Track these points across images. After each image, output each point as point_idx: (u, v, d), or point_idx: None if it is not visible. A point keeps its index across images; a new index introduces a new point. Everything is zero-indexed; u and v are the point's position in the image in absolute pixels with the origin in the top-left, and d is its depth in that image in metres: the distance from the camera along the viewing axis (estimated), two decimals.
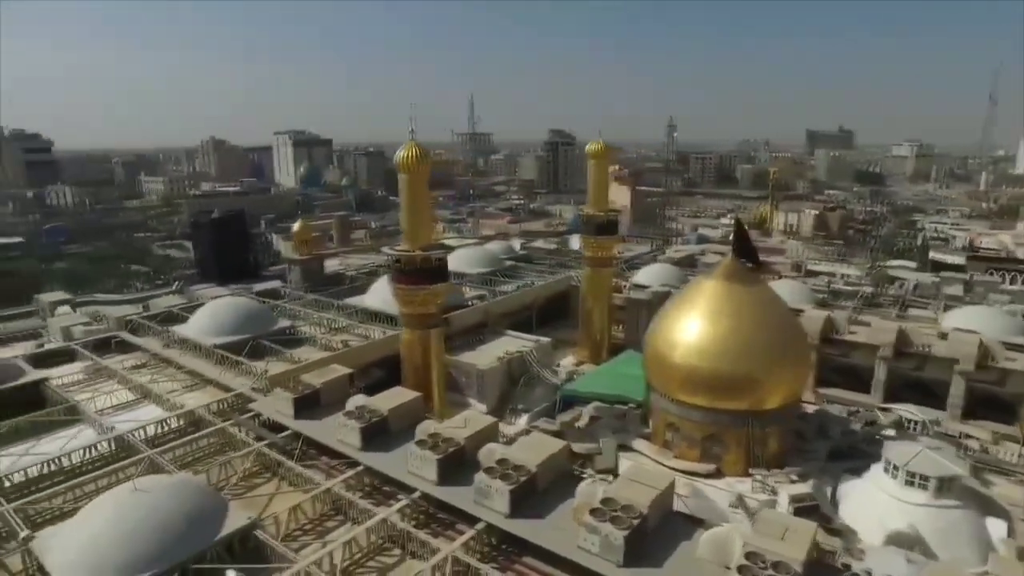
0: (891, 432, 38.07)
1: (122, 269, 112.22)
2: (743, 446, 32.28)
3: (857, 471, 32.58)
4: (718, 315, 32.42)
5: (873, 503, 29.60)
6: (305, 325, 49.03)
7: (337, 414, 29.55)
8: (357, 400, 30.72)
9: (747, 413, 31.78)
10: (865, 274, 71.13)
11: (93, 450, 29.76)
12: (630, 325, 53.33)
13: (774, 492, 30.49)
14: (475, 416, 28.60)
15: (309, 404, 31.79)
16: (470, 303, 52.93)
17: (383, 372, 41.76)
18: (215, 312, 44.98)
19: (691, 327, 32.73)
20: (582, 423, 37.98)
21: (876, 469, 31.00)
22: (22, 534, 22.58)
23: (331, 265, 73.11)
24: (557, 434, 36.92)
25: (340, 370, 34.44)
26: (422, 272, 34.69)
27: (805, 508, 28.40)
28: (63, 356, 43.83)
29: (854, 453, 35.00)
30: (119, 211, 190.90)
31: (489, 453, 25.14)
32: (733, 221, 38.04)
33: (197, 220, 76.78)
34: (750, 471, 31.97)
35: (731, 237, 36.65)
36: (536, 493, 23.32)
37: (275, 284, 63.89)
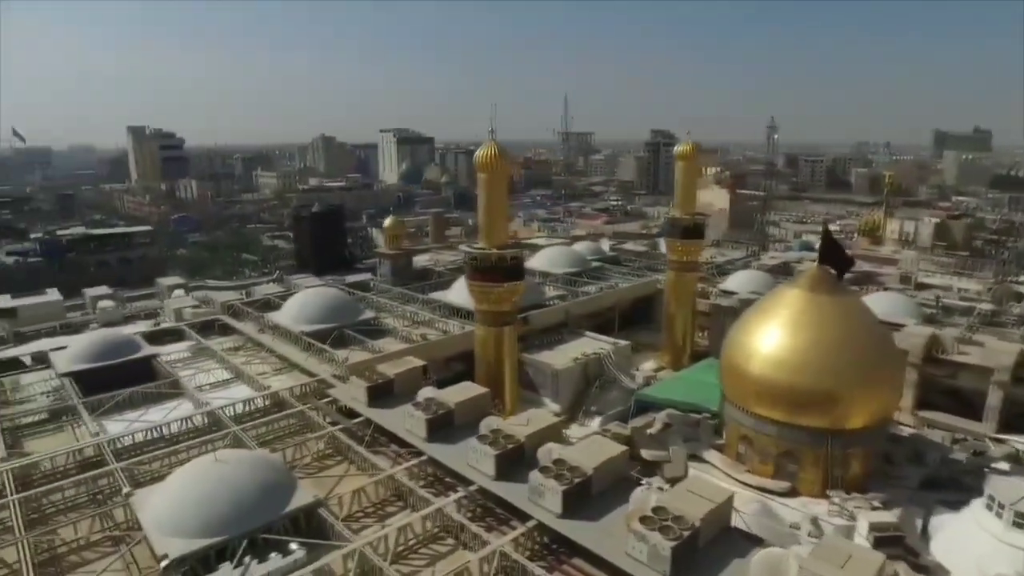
0: (1003, 465, 34.76)
1: (234, 257, 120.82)
2: (821, 466, 30.53)
3: (954, 505, 30.02)
4: (799, 326, 30.82)
5: (972, 542, 27.19)
6: (389, 317, 50.87)
7: (407, 404, 30.57)
8: (426, 392, 31.65)
9: (827, 431, 30.01)
10: (987, 289, 64.98)
11: (189, 422, 32.37)
12: (714, 332, 51.54)
13: (852, 518, 28.65)
14: (539, 415, 28.70)
15: (382, 393, 33.09)
16: (551, 302, 53.02)
17: (463, 366, 42.67)
18: (305, 301, 47.58)
19: (769, 337, 31.31)
20: (654, 429, 37.20)
21: (977, 505, 28.44)
22: (125, 490, 25.16)
23: (422, 260, 75.20)
24: (628, 439, 36.53)
25: (414, 362, 35.59)
26: (497, 270, 35.17)
27: (887, 539, 26.49)
28: (174, 335, 47.88)
29: (953, 484, 32.24)
30: (236, 204, 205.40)
31: (547, 452, 25.21)
32: (823, 228, 36.04)
33: (297, 213, 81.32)
34: (828, 493, 30.19)
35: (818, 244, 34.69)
36: (590, 496, 23.16)
37: (367, 276, 66.56)
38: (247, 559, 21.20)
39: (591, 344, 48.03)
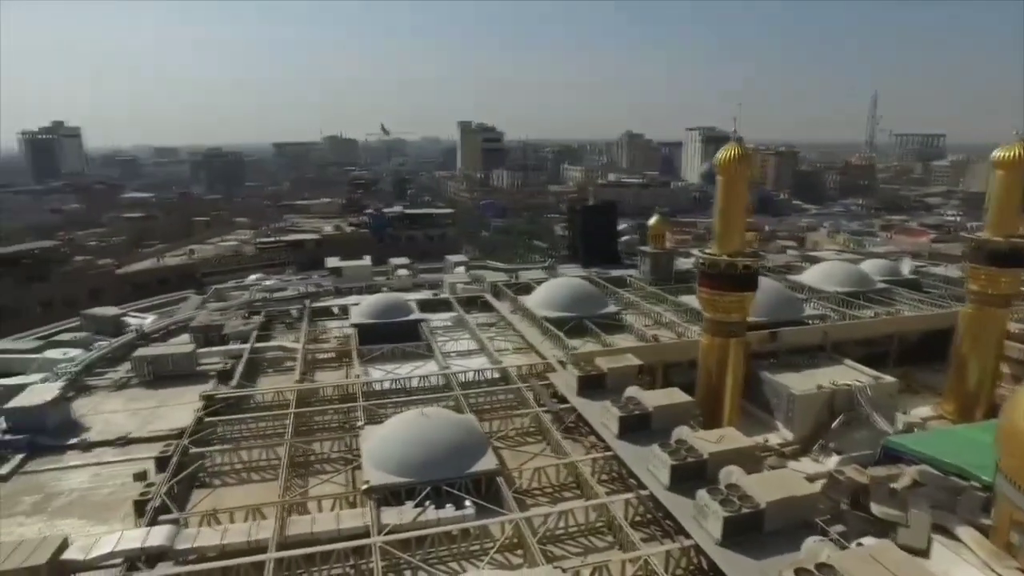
0: None
1: (525, 243, 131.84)
2: None
3: None
4: None
5: None
6: (633, 314, 51.23)
7: (608, 399, 31.05)
8: (631, 391, 31.66)
9: None
10: None
11: (427, 380, 37.31)
12: None
13: None
14: (733, 435, 26.78)
15: (593, 385, 33.98)
16: (809, 321, 47.90)
17: None
18: (552, 288, 50.56)
19: None
20: (899, 484, 31.54)
21: None
22: (360, 424, 30.57)
23: (689, 263, 73.30)
24: (863, 488, 31.88)
25: (631, 360, 35.74)
26: (727, 278, 33.28)
27: None
28: (443, 305, 54.95)
29: None
30: (540, 194, 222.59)
31: (727, 474, 23.60)
32: None
33: (572, 206, 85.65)
34: None
35: None
36: (760, 531, 21.14)
37: (630, 273, 67.46)
38: (427, 503, 24.21)
39: (847, 374, 42.20)
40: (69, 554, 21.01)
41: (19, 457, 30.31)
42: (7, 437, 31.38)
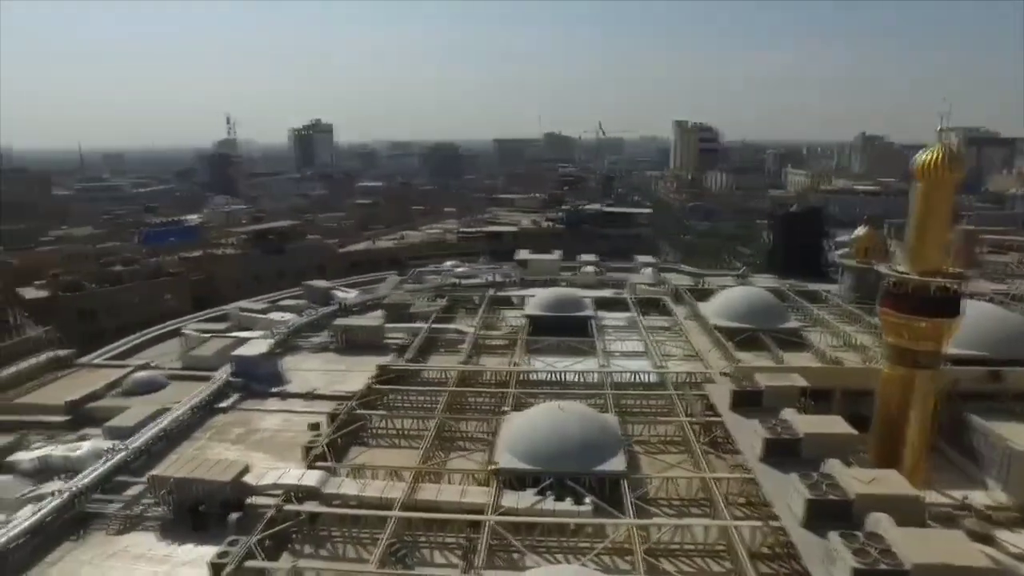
0: None
1: (730, 248, 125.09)
2: None
3: None
4: None
5: None
6: (819, 332, 46.74)
7: (759, 419, 28.99)
8: (785, 413, 29.21)
9: None
10: None
11: (581, 376, 37.67)
12: None
13: None
14: (894, 479, 23.49)
15: (748, 401, 31.78)
16: None
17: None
18: (730, 297, 48.01)
19: None
20: None
21: None
22: (504, 409, 32.20)
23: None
24: None
25: (796, 380, 32.95)
26: (917, 300, 29.04)
27: None
28: (619, 304, 54.68)
29: None
30: (756, 198, 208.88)
31: (874, 522, 20.91)
32: None
33: (774, 212, 79.63)
34: None
35: None
36: None
37: (831, 288, 61.35)
38: (547, 493, 24.86)
39: None
40: (247, 479, 25.26)
41: (236, 396, 36.84)
42: (231, 379, 38.09)
